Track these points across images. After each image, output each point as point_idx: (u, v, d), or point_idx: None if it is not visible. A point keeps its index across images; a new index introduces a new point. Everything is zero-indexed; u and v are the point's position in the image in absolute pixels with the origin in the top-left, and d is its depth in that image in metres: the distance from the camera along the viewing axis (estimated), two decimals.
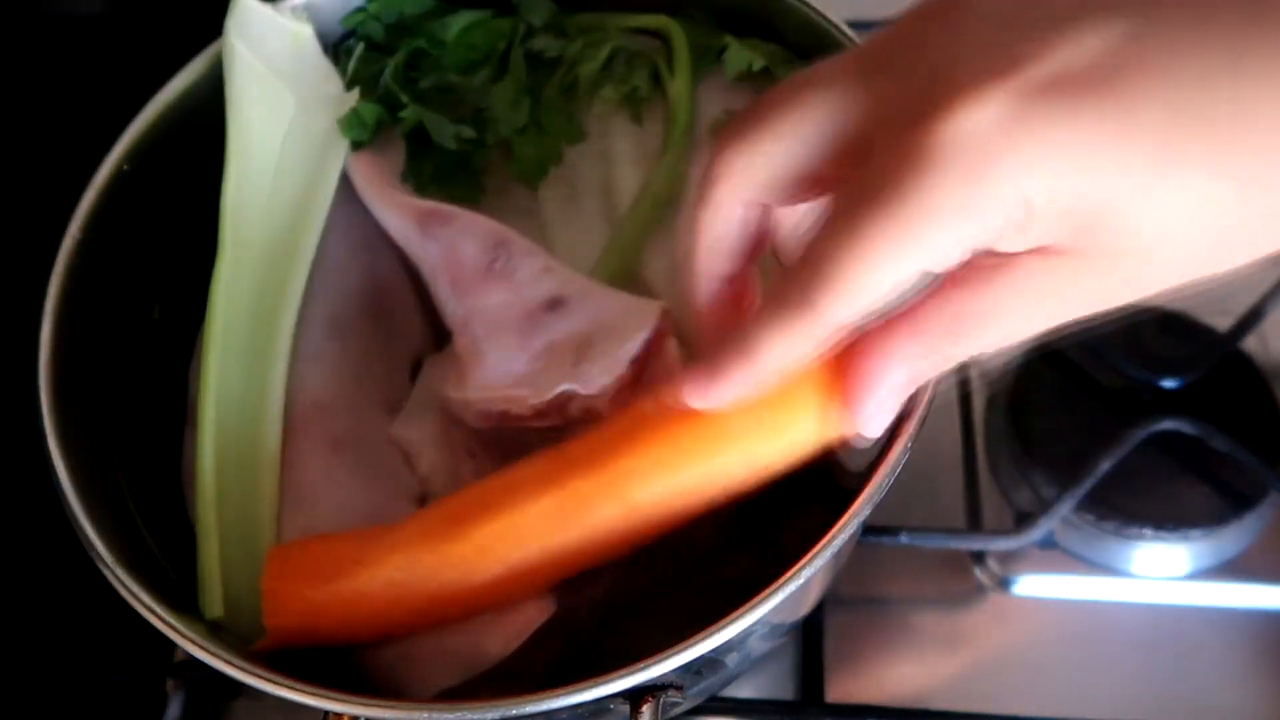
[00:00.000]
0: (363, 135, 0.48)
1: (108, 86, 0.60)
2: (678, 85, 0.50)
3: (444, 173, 0.50)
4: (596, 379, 0.41)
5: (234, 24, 0.48)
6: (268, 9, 0.49)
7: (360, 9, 0.51)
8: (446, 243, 0.45)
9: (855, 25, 0.48)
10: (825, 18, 0.48)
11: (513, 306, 0.44)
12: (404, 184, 0.49)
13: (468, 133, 0.50)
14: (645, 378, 0.42)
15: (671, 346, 0.43)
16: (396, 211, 0.46)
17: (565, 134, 0.51)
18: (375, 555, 0.40)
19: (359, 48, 0.51)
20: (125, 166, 0.49)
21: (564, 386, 0.42)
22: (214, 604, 0.42)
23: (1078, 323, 0.32)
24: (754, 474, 0.39)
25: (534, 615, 0.42)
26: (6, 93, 0.57)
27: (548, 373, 0.42)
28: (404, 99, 0.48)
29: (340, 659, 0.42)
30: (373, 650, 0.42)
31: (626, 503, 0.39)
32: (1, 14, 0.57)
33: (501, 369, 0.43)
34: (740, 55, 0.49)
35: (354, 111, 0.48)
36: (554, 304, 0.44)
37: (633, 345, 0.42)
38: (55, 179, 0.50)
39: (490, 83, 0.51)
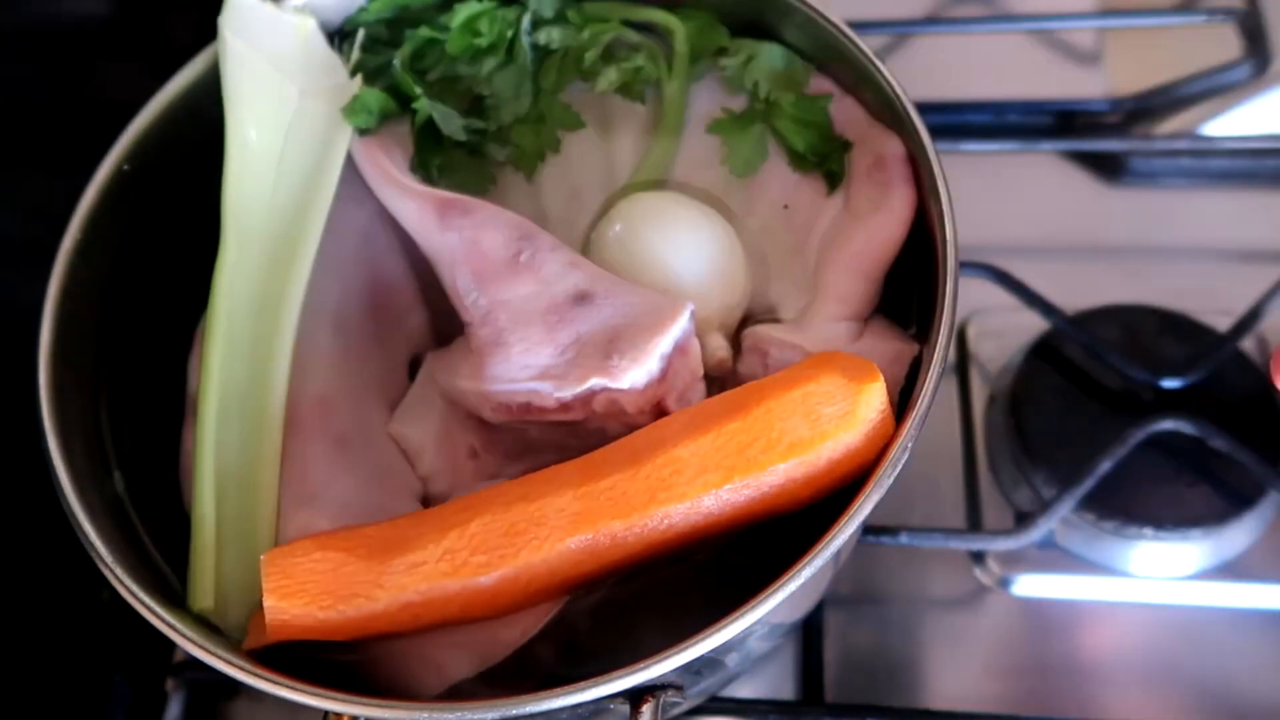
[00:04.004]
0: (369, 122, 0.48)
1: (108, 86, 0.60)
2: (673, 87, 0.50)
3: (453, 163, 0.50)
4: (627, 373, 0.41)
5: (228, 20, 0.48)
6: (265, 5, 0.48)
7: (362, 8, 0.51)
8: (468, 234, 0.45)
9: (855, 25, 0.48)
10: (825, 18, 0.48)
11: (539, 299, 0.44)
12: (414, 174, 0.49)
13: (477, 124, 0.50)
14: (670, 376, 0.42)
15: (696, 347, 0.43)
16: (415, 201, 0.46)
17: (564, 122, 0.51)
18: (396, 580, 0.39)
19: (360, 35, 0.50)
20: (125, 166, 0.49)
21: (595, 380, 0.42)
22: (204, 595, 0.42)
23: None
24: (793, 501, 0.40)
25: (549, 605, 0.42)
26: (8, 93, 0.57)
27: (577, 366, 0.42)
28: (416, 91, 0.48)
29: (340, 658, 0.42)
30: (384, 640, 0.42)
31: (658, 542, 0.40)
32: (3, 14, 0.57)
33: (526, 361, 0.43)
34: (739, 73, 0.50)
35: (358, 98, 0.48)
36: (581, 298, 0.44)
37: (663, 339, 0.42)
38: (55, 179, 0.50)
39: (496, 71, 0.51)
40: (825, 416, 0.39)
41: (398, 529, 0.41)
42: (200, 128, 0.49)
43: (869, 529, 0.55)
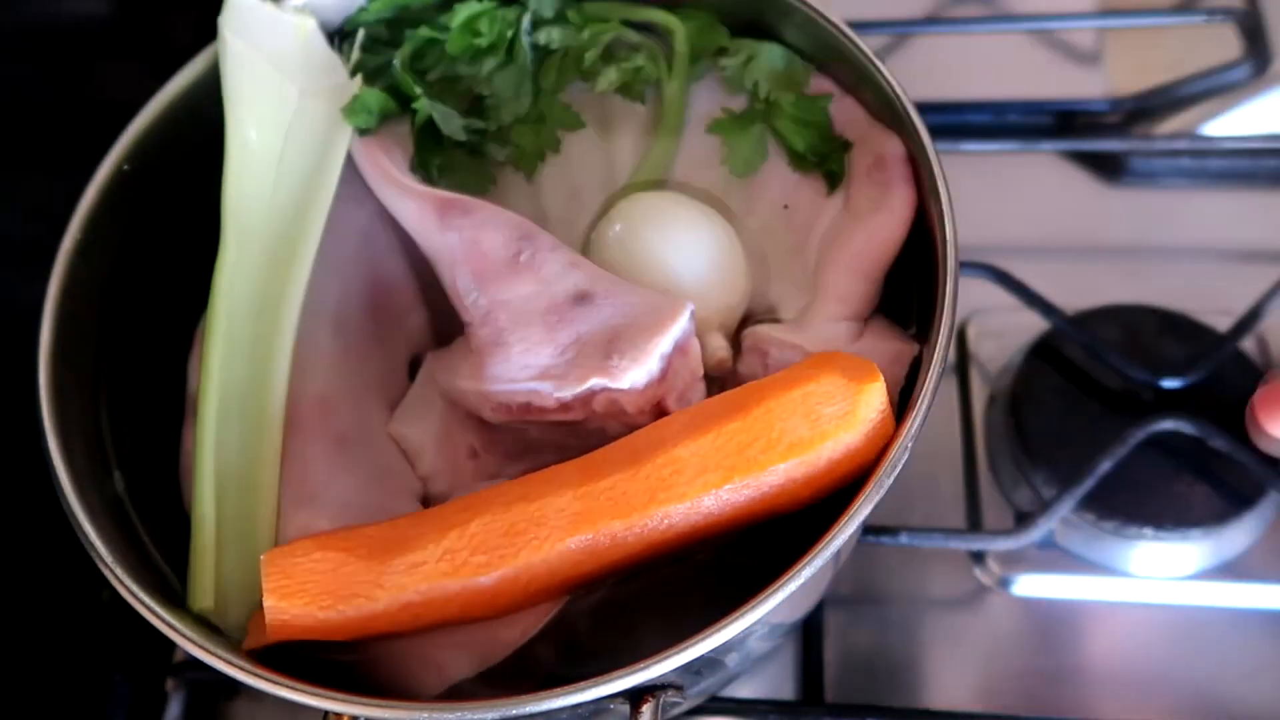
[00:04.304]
0: (369, 122, 0.48)
1: (108, 86, 0.60)
2: (673, 87, 0.50)
3: (453, 163, 0.50)
4: (627, 373, 0.41)
5: (228, 20, 0.48)
6: (265, 5, 0.49)
7: (362, 8, 0.51)
8: (468, 234, 0.45)
9: (855, 25, 0.48)
10: (825, 18, 0.48)
11: (539, 299, 0.44)
12: (414, 174, 0.49)
13: (477, 124, 0.50)
14: (670, 376, 0.42)
15: (696, 347, 0.43)
16: (415, 201, 0.46)
17: (564, 122, 0.51)
18: (396, 580, 0.39)
19: (360, 35, 0.51)
20: (125, 166, 0.49)
21: (595, 380, 0.42)
22: (204, 595, 0.42)
23: None
24: (793, 501, 0.40)
25: (549, 605, 0.42)
26: (8, 93, 0.57)
27: (577, 366, 0.42)
28: (416, 91, 0.48)
29: (340, 659, 0.42)
30: (384, 640, 0.42)
31: (658, 542, 0.40)
32: (3, 14, 0.57)
33: (526, 361, 0.43)
34: (739, 73, 0.50)
35: (358, 98, 0.48)
36: (581, 298, 0.44)
37: (663, 339, 0.42)
38: (55, 179, 0.50)
39: (496, 71, 0.51)
40: (825, 416, 0.39)
41: (398, 529, 0.41)
42: (200, 128, 0.49)
43: (869, 529, 0.55)
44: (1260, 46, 0.71)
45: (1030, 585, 0.58)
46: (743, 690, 0.55)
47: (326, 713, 0.37)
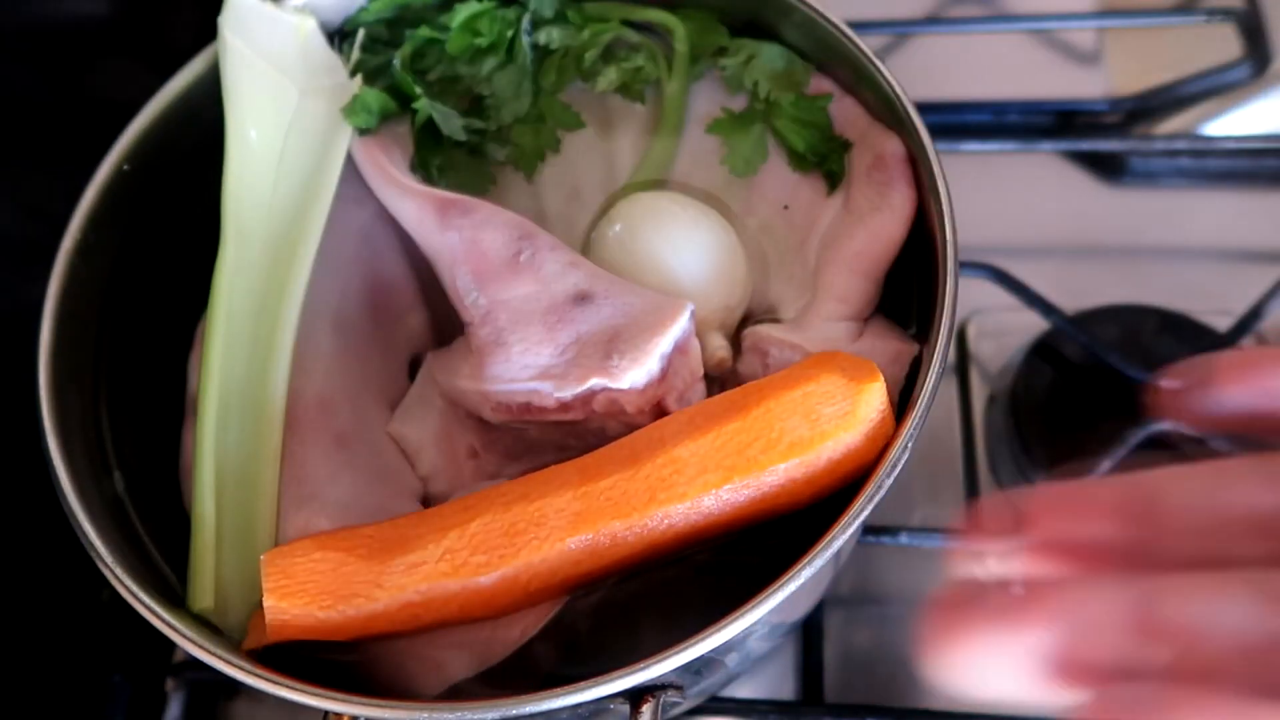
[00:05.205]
0: (369, 122, 0.48)
1: (108, 86, 0.60)
2: (673, 87, 0.50)
3: (453, 163, 0.50)
4: (627, 373, 0.41)
5: (228, 20, 0.48)
6: (265, 5, 0.49)
7: (362, 8, 0.51)
8: (468, 233, 0.45)
9: (855, 25, 0.48)
10: (825, 17, 0.48)
11: (539, 299, 0.44)
12: (414, 174, 0.49)
13: (477, 124, 0.50)
14: (670, 376, 0.42)
15: (696, 347, 0.43)
16: (415, 201, 0.46)
17: (564, 122, 0.51)
18: (396, 580, 0.39)
19: (360, 35, 0.51)
20: (125, 166, 0.49)
21: (595, 380, 0.42)
22: (204, 595, 0.42)
23: None
24: (793, 501, 0.40)
25: (549, 605, 0.42)
26: (8, 93, 0.57)
27: (577, 366, 0.42)
28: (416, 91, 0.48)
29: (340, 659, 0.42)
30: (384, 640, 0.42)
31: (658, 542, 0.40)
32: (3, 14, 0.57)
33: (526, 361, 0.43)
34: (739, 73, 0.50)
35: (358, 98, 0.48)
36: (581, 298, 0.44)
37: (663, 339, 0.42)
38: (55, 179, 0.50)
39: (496, 71, 0.51)
40: (825, 416, 0.39)
41: (398, 529, 0.41)
42: (200, 128, 0.49)
43: (869, 529, 0.55)
44: (1260, 46, 0.71)
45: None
46: (743, 690, 0.55)
47: (326, 713, 0.37)
